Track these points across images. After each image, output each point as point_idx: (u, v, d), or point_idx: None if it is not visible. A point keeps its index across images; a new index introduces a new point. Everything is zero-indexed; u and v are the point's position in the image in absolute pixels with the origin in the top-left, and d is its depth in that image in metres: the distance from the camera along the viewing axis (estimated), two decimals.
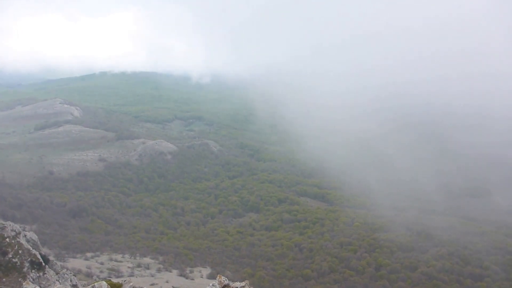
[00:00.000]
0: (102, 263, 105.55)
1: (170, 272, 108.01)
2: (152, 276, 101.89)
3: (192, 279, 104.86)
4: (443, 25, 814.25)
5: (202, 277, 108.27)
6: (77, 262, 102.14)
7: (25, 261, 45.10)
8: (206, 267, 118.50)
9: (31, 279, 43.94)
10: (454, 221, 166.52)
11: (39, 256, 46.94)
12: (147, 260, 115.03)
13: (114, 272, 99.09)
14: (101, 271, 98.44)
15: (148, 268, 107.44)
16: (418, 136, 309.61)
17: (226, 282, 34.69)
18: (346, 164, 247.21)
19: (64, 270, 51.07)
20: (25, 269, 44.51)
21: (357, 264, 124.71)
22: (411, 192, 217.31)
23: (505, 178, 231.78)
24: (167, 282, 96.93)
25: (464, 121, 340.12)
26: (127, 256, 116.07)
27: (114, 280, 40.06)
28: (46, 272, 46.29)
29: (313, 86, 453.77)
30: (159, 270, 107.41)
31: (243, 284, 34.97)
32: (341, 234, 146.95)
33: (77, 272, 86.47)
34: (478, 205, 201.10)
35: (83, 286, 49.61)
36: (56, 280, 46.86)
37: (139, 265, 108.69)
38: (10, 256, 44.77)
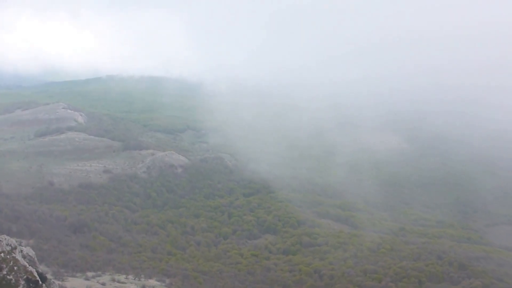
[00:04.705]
0: (103, 284, 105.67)
1: None
2: None
3: None
4: (455, 33, 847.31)
5: None
6: (76, 282, 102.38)
7: (20, 279, 45.35)
8: None
9: None
10: (490, 250, 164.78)
11: (35, 274, 47.17)
12: (152, 282, 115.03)
13: None
14: None
15: None
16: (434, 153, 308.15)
17: None
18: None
19: None
20: (20, 287, 44.64)
21: None
22: (441, 217, 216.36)
23: None
24: None
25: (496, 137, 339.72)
26: (131, 277, 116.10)
27: None
28: None
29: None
30: None
31: None
32: (365, 260, 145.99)
33: None
34: None
35: None
36: None
37: None
38: (5, 272, 45.07)
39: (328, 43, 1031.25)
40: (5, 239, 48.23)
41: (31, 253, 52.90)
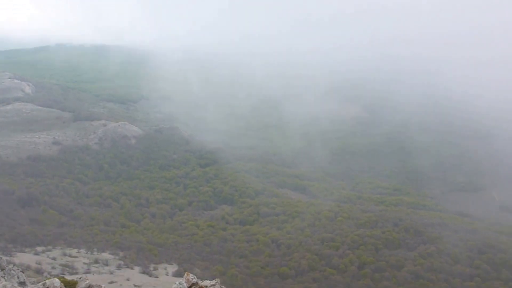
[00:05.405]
0: (54, 259, 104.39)
1: (132, 269, 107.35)
2: (111, 273, 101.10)
3: (156, 277, 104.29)
4: (434, 4, 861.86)
5: (167, 275, 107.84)
6: (25, 257, 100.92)
7: None
8: (172, 264, 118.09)
9: None
10: (445, 217, 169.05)
11: None
12: (105, 255, 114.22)
13: (68, 269, 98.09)
14: (53, 267, 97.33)
15: (106, 265, 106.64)
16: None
17: (195, 280, 34.27)
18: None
19: (11, 266, 50.07)
20: None
21: (339, 262, 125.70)
22: (397, 184, 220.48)
23: (502, 173, 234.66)
24: (128, 280, 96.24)
25: (460, 109, 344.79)
26: (83, 251, 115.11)
27: (68, 277, 39.36)
28: None
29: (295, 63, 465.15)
30: (119, 267, 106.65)
31: (213, 282, 34.64)
32: (322, 229, 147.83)
33: (25, 268, 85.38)
34: (471, 200, 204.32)
35: (33, 283, 48.71)
36: (1, 276, 45.99)
37: (96, 261, 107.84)
38: None
39: (285, 13, 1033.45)
40: None
41: None
